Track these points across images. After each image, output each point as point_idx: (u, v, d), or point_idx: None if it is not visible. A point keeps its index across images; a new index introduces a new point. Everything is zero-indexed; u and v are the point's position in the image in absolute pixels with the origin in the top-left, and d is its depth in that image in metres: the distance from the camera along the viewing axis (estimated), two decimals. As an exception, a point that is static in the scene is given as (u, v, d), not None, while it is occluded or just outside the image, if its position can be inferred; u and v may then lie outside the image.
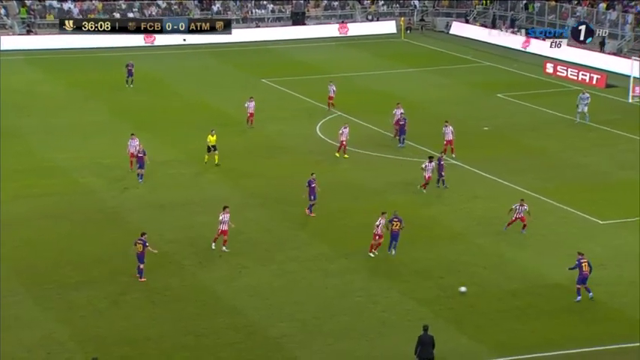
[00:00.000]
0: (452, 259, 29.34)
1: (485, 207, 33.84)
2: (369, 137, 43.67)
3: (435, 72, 58.96)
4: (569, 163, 38.90)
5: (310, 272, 28.65)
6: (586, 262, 26.33)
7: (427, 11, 77.19)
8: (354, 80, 57.19)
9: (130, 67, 53.44)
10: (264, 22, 73.99)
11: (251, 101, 45.18)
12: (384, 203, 33.85)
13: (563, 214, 32.86)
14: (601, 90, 52.77)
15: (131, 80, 53.34)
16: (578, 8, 66.60)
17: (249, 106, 44.91)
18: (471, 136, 42.95)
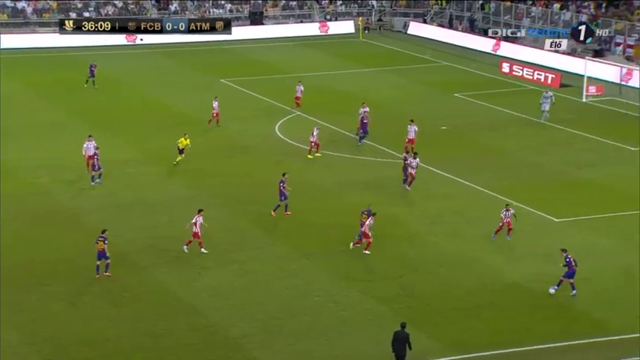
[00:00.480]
0: (411, 258, 29.53)
1: (443, 206, 34.11)
2: (328, 137, 43.72)
3: (393, 72, 59.24)
4: (526, 162, 39.36)
5: (271, 272, 28.63)
6: (572, 258, 26.77)
7: (385, 11, 77.54)
8: (312, 80, 57.17)
9: (93, 68, 52.91)
10: (217, 23, 73.57)
11: (215, 101, 44.94)
12: (343, 203, 33.95)
13: (520, 213, 33.21)
14: (556, 89, 53.42)
15: (92, 81, 52.77)
16: (533, 9, 67.42)
17: (214, 106, 44.58)
18: (429, 136, 43.19)
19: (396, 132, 42.96)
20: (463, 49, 66.50)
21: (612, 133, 43.49)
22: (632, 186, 35.79)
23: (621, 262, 28.87)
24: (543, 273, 28.16)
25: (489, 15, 70.71)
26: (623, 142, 41.92)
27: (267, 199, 34.76)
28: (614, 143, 41.84)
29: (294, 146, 42.08)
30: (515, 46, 63.77)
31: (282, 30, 72.93)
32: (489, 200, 34.60)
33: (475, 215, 33.11)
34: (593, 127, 44.45)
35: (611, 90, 51.32)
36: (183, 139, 38.51)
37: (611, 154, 40.53)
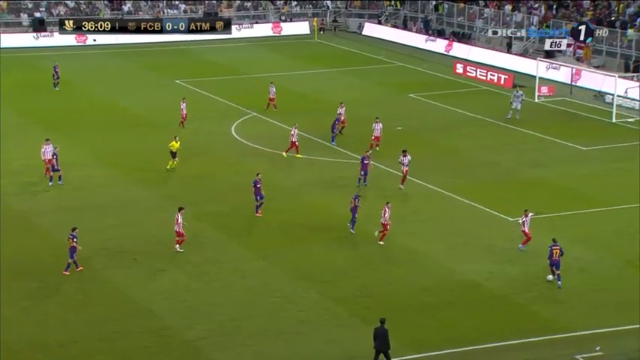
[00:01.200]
0: (368, 259, 29.47)
1: (399, 206, 34.11)
2: (284, 138, 43.54)
3: (348, 72, 59.26)
4: (480, 162, 39.58)
5: (228, 274, 28.34)
6: (557, 248, 27.06)
7: (340, 12, 77.58)
8: (268, 81, 56.97)
9: (57, 69, 52.14)
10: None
11: (183, 102, 44.24)
12: (302, 203, 33.80)
13: (474, 212, 33.40)
14: (508, 90, 53.90)
15: (57, 83, 51.98)
16: (485, 10, 68.00)
17: (182, 107, 43.97)
18: (385, 136, 43.19)
19: (352, 132, 42.92)
20: (417, 50, 66.81)
21: (564, 132, 43.98)
22: (583, 185, 36.19)
23: (574, 260, 29.10)
24: (498, 272, 28.29)
25: (443, 16, 71.14)
26: (574, 141, 42.39)
27: (223, 200, 34.49)
28: (566, 143, 42.30)
29: (251, 147, 41.83)
30: (468, 47, 64.26)
31: (236, 31, 72.50)
32: (445, 200, 34.71)
33: (431, 215, 33.19)
34: (545, 127, 44.89)
35: (562, 90, 51.92)
36: (174, 143, 37.40)
37: (562, 153, 40.94)
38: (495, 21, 66.49)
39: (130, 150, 41.13)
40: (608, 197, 34.35)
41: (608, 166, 38.46)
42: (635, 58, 55.47)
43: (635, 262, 28.77)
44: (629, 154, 39.77)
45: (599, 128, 45.07)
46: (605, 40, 57.56)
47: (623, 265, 28.61)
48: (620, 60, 56.42)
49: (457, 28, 69.58)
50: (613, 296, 26.61)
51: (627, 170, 36.84)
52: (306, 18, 76.23)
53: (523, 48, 63.05)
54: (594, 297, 26.62)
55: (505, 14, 65.90)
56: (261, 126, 45.76)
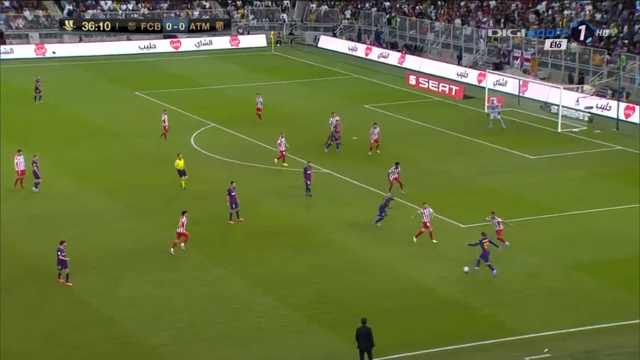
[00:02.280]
0: (326, 265, 29.47)
1: (356, 213, 34.22)
2: (242, 147, 43.45)
3: (305, 84, 59.35)
4: (432, 170, 39.86)
5: (187, 281, 28.13)
6: (487, 240, 28.23)
7: (296, 25, 77.71)
8: (227, 92, 56.84)
9: (38, 84, 51.41)
10: (136, 35, 72.49)
11: (164, 114, 43.72)
12: (259, 212, 33.69)
13: (428, 219, 33.55)
14: (459, 101, 54.47)
15: (39, 96, 51.15)
16: (436, 24, 68.64)
17: (163, 119, 43.46)
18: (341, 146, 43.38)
19: (309, 143, 42.96)
20: (371, 62, 67.18)
21: (512, 142, 44.49)
22: (531, 192, 36.63)
23: (523, 264, 29.43)
24: (451, 277, 28.49)
25: (395, 29, 71.66)
26: (523, 150, 42.89)
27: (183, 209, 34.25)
28: (514, 152, 42.79)
29: (210, 157, 41.63)
30: (420, 59, 64.77)
31: (194, 43, 72.25)
32: (399, 207, 34.86)
33: (386, 223, 33.27)
34: (494, 137, 45.36)
35: (510, 101, 52.57)
36: (178, 161, 36.40)
37: (511, 162, 41.41)
38: (446, 34, 67.16)
39: (91, 161, 40.68)
40: (555, 204, 34.83)
41: (555, 175, 39.02)
42: (578, 70, 56.42)
43: (579, 266, 29.19)
44: (574, 163, 40.39)
45: (545, 138, 45.69)
46: (550, 53, 58.47)
47: (569, 270, 29.00)
48: (565, 72, 57.36)
49: (409, 41, 70.13)
50: (559, 299, 26.96)
51: (572, 178, 37.41)
52: (263, 31, 76.22)
53: (473, 60, 63.77)
54: (542, 300, 26.93)
55: (455, 28, 66.61)
56: (220, 136, 45.59)
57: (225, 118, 48.39)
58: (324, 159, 40.40)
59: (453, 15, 69.10)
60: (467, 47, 64.84)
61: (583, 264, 29.34)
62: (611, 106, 49.89)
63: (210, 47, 71.89)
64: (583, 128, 47.33)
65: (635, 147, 43.66)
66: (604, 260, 29.68)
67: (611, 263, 29.42)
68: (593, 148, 43.85)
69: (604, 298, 26.96)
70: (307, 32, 76.92)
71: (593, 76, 55.28)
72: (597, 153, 42.96)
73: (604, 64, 54.88)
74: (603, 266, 29.15)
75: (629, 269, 28.88)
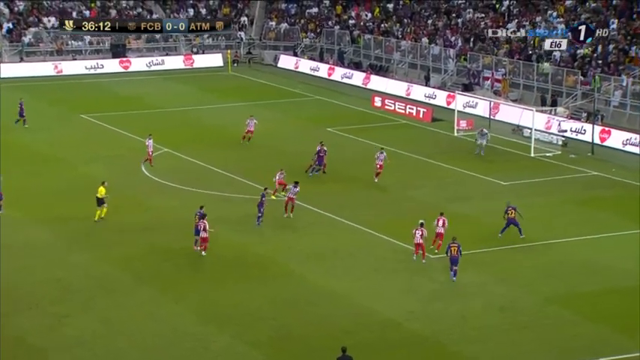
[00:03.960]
0: (285, 298, 29.44)
1: (316, 243, 34.27)
2: (196, 173, 43.38)
3: (264, 106, 59.52)
4: (399, 197, 40.12)
5: (137, 319, 27.89)
6: (455, 246, 30.22)
7: (254, 44, 78.01)
8: (181, 115, 56.79)
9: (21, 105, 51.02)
10: (81, 55, 72.26)
11: (149, 139, 43.61)
12: (213, 242, 33.59)
13: (395, 248, 33.77)
14: (427, 124, 54.99)
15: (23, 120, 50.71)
16: (402, 42, 69.40)
17: (147, 144, 43.37)
18: (301, 172, 43.53)
19: (268, 168, 43.02)
20: (334, 83, 67.63)
21: (483, 167, 44.99)
22: (503, 221, 36.95)
23: (496, 297, 29.66)
24: (419, 311, 28.60)
25: (360, 48, 72.28)
26: (494, 176, 43.38)
27: (133, 241, 34.03)
28: (485, 177, 43.26)
29: (162, 184, 41.48)
30: (385, 80, 65.35)
31: (145, 63, 72.18)
32: (364, 236, 35.02)
33: (349, 252, 33.41)
34: (465, 162, 45.84)
35: (480, 124, 53.15)
36: (101, 188, 35.71)
37: (482, 188, 41.85)
38: (413, 53, 67.91)
39: (33, 189, 40.31)
40: (528, 233, 35.20)
41: (527, 201, 39.44)
42: (551, 91, 57.32)
43: (553, 299, 29.49)
44: (548, 189, 40.94)
45: (518, 163, 46.27)
46: (522, 74, 59.39)
47: (542, 303, 29.27)
48: (537, 93, 58.23)
49: (374, 60, 70.77)
50: (533, 334, 27.19)
51: (546, 206, 37.88)
52: (219, 50, 76.39)
53: (441, 81, 64.49)
54: (515, 335, 27.14)
55: (422, 47, 67.39)
56: (173, 162, 45.48)
57: (178, 142, 48.32)
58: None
59: (420, 33, 69.95)
60: (435, 67, 65.61)
61: (557, 296, 29.67)
62: (585, 130, 50.73)
63: (162, 67, 71.88)
64: (557, 153, 48.05)
65: (611, 173, 44.43)
66: (579, 293, 30.04)
67: (587, 296, 29.79)
68: (567, 173, 44.52)
69: (579, 333, 27.27)
70: (266, 51, 77.26)
71: (566, 97, 56.22)
72: (572, 179, 43.62)
73: (578, 85, 55.87)
74: (578, 299, 29.50)
75: (606, 302, 29.27)
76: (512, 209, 34.32)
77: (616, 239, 35.03)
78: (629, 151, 48.41)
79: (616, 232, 35.60)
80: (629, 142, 48.90)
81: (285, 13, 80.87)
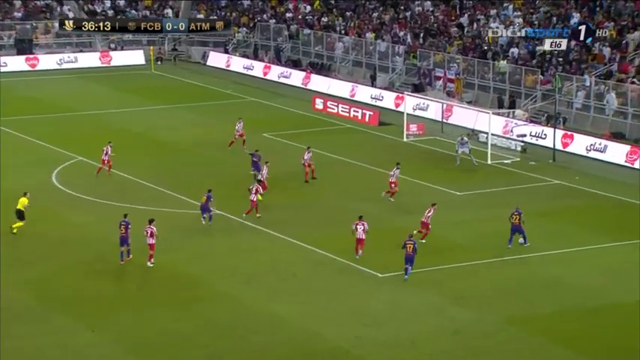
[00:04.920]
0: (219, 323, 29.38)
1: (254, 262, 34.28)
2: (114, 185, 43.04)
3: (191, 109, 59.35)
4: (344, 209, 40.31)
5: (49, 350, 27.56)
6: (411, 244, 32.14)
7: (180, 40, 77.75)
8: (97, 119, 56.30)
9: None
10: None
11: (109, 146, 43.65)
12: (134, 263, 33.36)
13: (340, 267, 33.95)
14: (374, 128, 55.43)
15: None
16: (345, 38, 69.89)
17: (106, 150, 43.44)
18: (234, 184, 43.51)
19: (196, 178, 42.88)
20: (270, 83, 67.76)
21: (435, 175, 45.51)
22: (458, 234, 37.47)
23: (449, 320, 29.96)
24: (366, 336, 28.79)
25: (298, 45, 72.55)
26: (448, 185, 43.89)
27: (44, 261, 33.62)
28: (438, 187, 43.74)
29: (75, 197, 41.10)
30: (328, 80, 65.68)
31: (56, 60, 71.39)
32: (306, 254, 35.13)
33: (290, 271, 33.50)
34: (416, 170, 46.27)
35: (432, 128, 53.81)
36: (23, 198, 35.76)
37: (435, 198, 42.18)
38: (357, 50, 68.43)
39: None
40: (485, 248, 35.72)
41: (484, 213, 40.05)
42: (509, 92, 58.25)
43: (512, 320, 29.91)
44: (507, 200, 41.53)
45: (473, 171, 46.90)
46: (477, 73, 60.27)
47: (501, 325, 29.67)
48: (494, 94, 59.11)
49: (315, 58, 71.14)
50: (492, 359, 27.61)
51: (504, 218, 38.43)
52: (140, 46, 75.99)
53: (389, 81, 65.10)
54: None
55: (367, 43, 67.95)
56: (88, 171, 45.08)
57: (94, 150, 47.87)
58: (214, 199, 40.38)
59: (365, 28, 70.55)
60: (382, 66, 66.22)
61: (517, 318, 30.11)
62: (546, 134, 51.69)
63: (75, 65, 71.25)
64: (516, 159, 48.85)
65: (575, 181, 45.32)
66: (540, 314, 30.50)
67: (550, 317, 30.26)
68: (527, 182, 45.31)
69: (541, 359, 27.72)
70: (194, 48, 77.11)
71: (525, 99, 57.24)
72: (532, 188, 44.39)
73: (538, 85, 56.91)
74: (540, 320, 29.95)
75: (570, 323, 29.80)
76: (517, 214, 35.40)
77: (581, 254, 35.75)
78: (593, 158, 49.43)
79: (581, 247, 36.32)
80: (594, 148, 49.89)
81: (215, 5, 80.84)
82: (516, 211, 35.88)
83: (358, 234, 34.33)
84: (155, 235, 32.95)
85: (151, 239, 32.91)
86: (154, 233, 32.96)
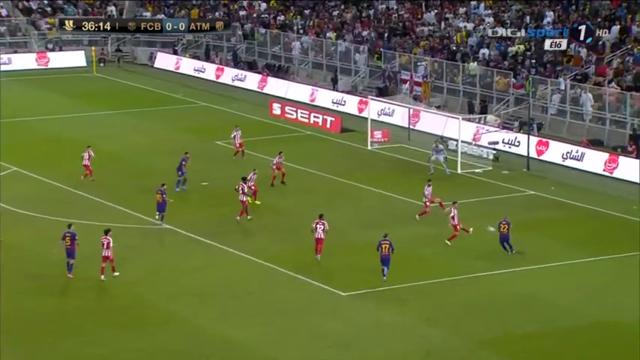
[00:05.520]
0: (169, 349, 29.18)
1: (206, 280, 34.13)
2: (53, 198, 42.70)
3: (137, 115, 59.08)
4: (305, 223, 40.22)
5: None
6: (387, 243, 33.37)
7: (124, 40, 77.39)
8: (33, 126, 55.84)
9: None
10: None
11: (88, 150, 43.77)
12: (78, 282, 33.08)
13: (299, 285, 33.92)
14: (336, 135, 55.54)
15: None
16: (303, 38, 70.01)
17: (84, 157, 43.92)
18: (185, 193, 43.34)
19: (141, 190, 42.63)
20: (223, 87, 67.64)
21: (402, 186, 45.62)
22: (426, 250, 37.54)
23: (419, 340, 30.06)
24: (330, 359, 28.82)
25: (254, 45, 72.54)
26: (415, 197, 43.96)
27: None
28: (405, 198, 43.87)
29: (10, 211, 40.69)
30: (286, 83, 65.74)
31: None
32: (263, 271, 35.04)
33: (247, 291, 33.38)
34: (380, 180, 46.41)
35: (398, 135, 54.03)
36: None
37: (402, 211, 42.39)
38: (316, 51, 68.59)
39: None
40: (456, 264, 35.87)
41: (455, 226, 40.24)
42: (480, 96, 58.64)
43: (485, 342, 30.04)
44: (478, 212, 41.80)
45: (443, 181, 47.08)
46: (446, 76, 60.64)
47: (473, 347, 29.80)
48: (464, 99, 59.49)
49: (272, 59, 71.17)
50: (465, 383, 27.74)
51: (475, 231, 38.67)
52: (81, 46, 75.56)
53: (352, 84, 65.30)
54: (443, 385, 27.62)
55: (328, 44, 68.10)
56: (23, 183, 44.70)
57: (30, 159, 47.51)
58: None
59: (325, 27, 70.74)
60: (343, 68, 66.42)
61: (490, 339, 30.26)
62: (520, 141, 52.12)
63: (8, 67, 70.65)
64: (487, 168, 49.20)
65: (550, 191, 45.70)
66: (515, 334, 30.68)
67: (524, 338, 30.43)
68: (500, 193, 45.62)
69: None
70: (140, 48, 76.78)
71: (497, 103, 57.69)
72: (505, 199, 44.69)
73: (510, 88, 57.39)
74: (514, 342, 30.11)
75: (545, 345, 30.00)
76: (505, 224, 36.40)
77: (557, 270, 36.03)
78: (569, 166, 49.90)
79: (556, 262, 36.61)
80: (570, 156, 50.33)
81: (162, 2, 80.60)
82: (504, 220, 36.65)
83: (317, 234, 34.82)
84: (112, 247, 33.12)
85: (107, 251, 32.98)
86: (111, 245, 33.08)
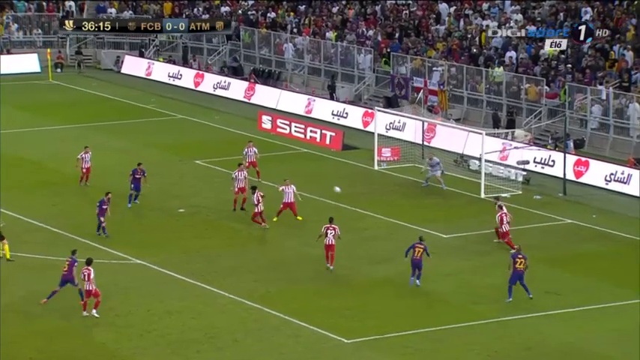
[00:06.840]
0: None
1: (184, 325, 34.06)
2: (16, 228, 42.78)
3: (102, 129, 59.06)
4: (300, 255, 40.28)
5: None
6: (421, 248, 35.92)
7: (86, 41, 77.48)
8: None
9: None
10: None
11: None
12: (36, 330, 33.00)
13: (295, 331, 33.82)
14: (337, 153, 55.48)
15: None
16: (298, 38, 70.09)
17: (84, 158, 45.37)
18: (156, 222, 43.32)
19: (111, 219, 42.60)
20: (204, 96, 67.64)
21: (416, 213, 45.55)
22: (446, 289, 37.44)
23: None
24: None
25: (239, 47, 72.61)
26: (431, 226, 43.92)
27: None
28: (419, 228, 43.77)
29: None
30: (277, 92, 65.67)
31: None
32: (251, 314, 34.94)
33: (232, 337, 33.29)
34: (390, 206, 46.34)
35: (410, 153, 53.90)
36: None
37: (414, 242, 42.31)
38: (313, 53, 68.69)
39: None
40: (483, 307, 35.75)
41: (479, 262, 40.11)
42: (507, 107, 58.56)
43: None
44: (504, 244, 41.69)
45: (463, 207, 47.04)
46: (466, 83, 60.67)
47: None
48: (487, 110, 59.41)
49: (260, 64, 71.24)
50: None
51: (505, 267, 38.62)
52: (34, 49, 75.69)
53: (355, 93, 65.30)
54: None
55: (327, 45, 68.16)
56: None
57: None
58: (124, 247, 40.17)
59: (323, 26, 70.87)
60: (345, 73, 66.48)
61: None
62: (554, 161, 52.01)
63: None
64: (516, 193, 49.08)
65: (591, 220, 45.58)
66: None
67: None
68: (532, 221, 45.51)
69: None
70: (104, 51, 76.88)
71: (527, 116, 57.65)
72: (538, 229, 44.60)
73: (542, 98, 57.36)
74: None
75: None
76: (521, 258, 36.04)
77: (600, 313, 35.87)
78: (613, 190, 49.76)
79: (599, 304, 36.46)
80: (614, 178, 50.13)
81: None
82: (519, 253, 36.02)
83: (328, 239, 35.47)
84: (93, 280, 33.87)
85: (89, 284, 33.70)
86: (92, 277, 33.81)
